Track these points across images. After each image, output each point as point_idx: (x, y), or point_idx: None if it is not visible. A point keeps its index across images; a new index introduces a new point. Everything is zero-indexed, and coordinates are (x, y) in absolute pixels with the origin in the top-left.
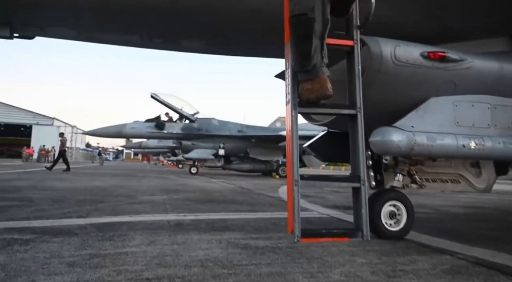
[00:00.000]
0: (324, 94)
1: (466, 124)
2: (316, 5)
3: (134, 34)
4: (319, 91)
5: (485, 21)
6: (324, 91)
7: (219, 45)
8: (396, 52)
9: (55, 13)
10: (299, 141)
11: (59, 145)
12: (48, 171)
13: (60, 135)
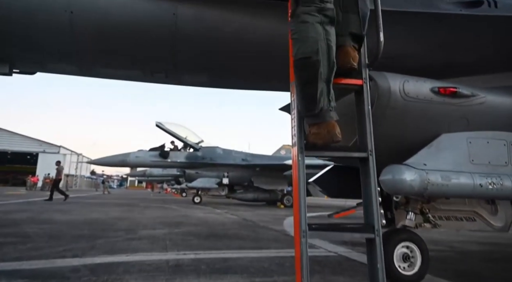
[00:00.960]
0: (331, 140)
1: (482, 162)
2: (321, 47)
3: (135, 69)
4: (327, 136)
5: (493, 55)
6: (332, 137)
7: (222, 80)
8: (405, 87)
9: (56, 49)
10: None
11: (55, 174)
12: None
13: (56, 164)
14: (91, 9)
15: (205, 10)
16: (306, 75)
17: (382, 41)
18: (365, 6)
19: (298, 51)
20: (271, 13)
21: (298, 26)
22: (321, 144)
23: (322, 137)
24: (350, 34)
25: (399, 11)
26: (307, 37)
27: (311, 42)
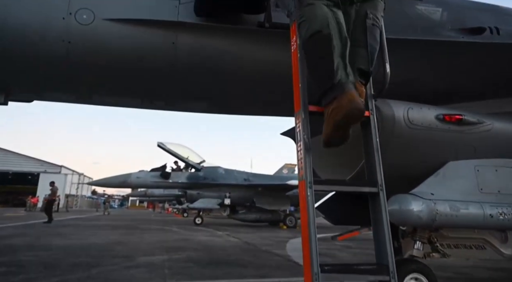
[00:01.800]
0: (355, 110)
1: (491, 191)
2: (331, 23)
3: (134, 97)
4: (349, 106)
5: (497, 81)
6: (355, 106)
7: (223, 106)
8: (409, 115)
9: (53, 79)
10: None
11: (49, 194)
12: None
13: (50, 185)
14: (89, 39)
15: (204, 39)
16: (319, 50)
17: (388, 72)
18: (374, 40)
19: (308, 30)
20: (271, 41)
21: (304, 10)
22: (341, 118)
23: (344, 108)
24: (357, 70)
25: (402, 39)
26: (315, 15)
27: (319, 19)
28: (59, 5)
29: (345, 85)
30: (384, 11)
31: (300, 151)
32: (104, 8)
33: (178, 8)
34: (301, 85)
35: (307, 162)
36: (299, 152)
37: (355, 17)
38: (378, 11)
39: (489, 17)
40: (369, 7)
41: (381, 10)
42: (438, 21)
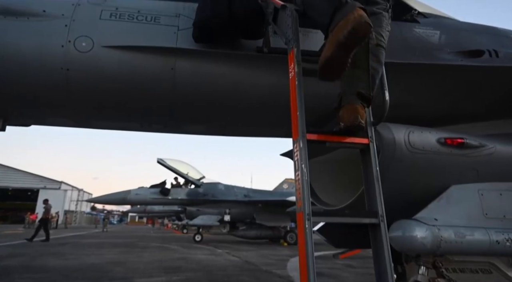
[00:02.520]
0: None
1: (496, 216)
2: None
3: (133, 122)
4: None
5: (498, 103)
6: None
7: (222, 129)
8: (410, 138)
9: (51, 105)
10: None
11: (43, 212)
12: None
13: (44, 202)
14: (88, 66)
15: (203, 64)
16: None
17: (387, 100)
18: (377, 62)
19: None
20: (270, 66)
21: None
22: (348, 34)
23: (351, 22)
24: (358, 94)
25: (400, 62)
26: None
27: None
28: (58, 33)
29: (352, 5)
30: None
31: (298, 180)
32: (104, 36)
33: (176, 35)
34: (299, 113)
35: (306, 193)
36: (297, 181)
37: None
38: (383, 27)
39: (487, 40)
40: (373, 24)
41: (387, 24)
42: (437, 44)
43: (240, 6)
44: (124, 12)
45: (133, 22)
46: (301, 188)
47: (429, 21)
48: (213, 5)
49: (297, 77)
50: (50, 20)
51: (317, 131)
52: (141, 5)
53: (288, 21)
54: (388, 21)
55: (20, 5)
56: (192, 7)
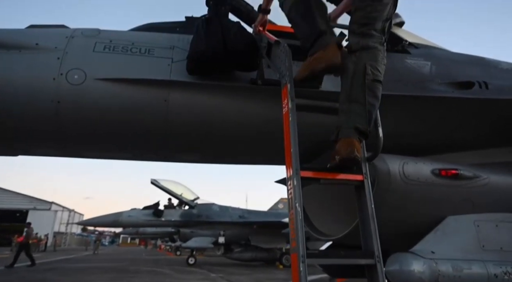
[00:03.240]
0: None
1: (493, 248)
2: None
3: (124, 152)
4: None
5: (489, 133)
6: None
7: (216, 158)
8: (405, 169)
9: (40, 137)
10: None
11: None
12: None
13: (26, 226)
14: (80, 99)
15: (197, 96)
16: (301, 11)
17: (381, 137)
18: (374, 98)
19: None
20: (264, 97)
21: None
22: (322, 67)
23: (325, 59)
24: (354, 128)
25: (393, 94)
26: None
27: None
28: (50, 66)
29: (330, 38)
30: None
31: (292, 220)
32: (96, 68)
33: (170, 67)
34: (293, 149)
35: (300, 234)
36: (291, 220)
37: (353, 72)
38: (378, 61)
39: (477, 71)
40: (369, 58)
41: (383, 58)
42: (428, 75)
43: (234, 40)
44: (118, 44)
45: (127, 54)
46: (295, 228)
47: (420, 52)
48: (207, 39)
49: (291, 114)
50: (42, 53)
51: (311, 168)
52: (136, 37)
53: (281, 56)
54: (384, 54)
55: (12, 39)
56: (187, 39)
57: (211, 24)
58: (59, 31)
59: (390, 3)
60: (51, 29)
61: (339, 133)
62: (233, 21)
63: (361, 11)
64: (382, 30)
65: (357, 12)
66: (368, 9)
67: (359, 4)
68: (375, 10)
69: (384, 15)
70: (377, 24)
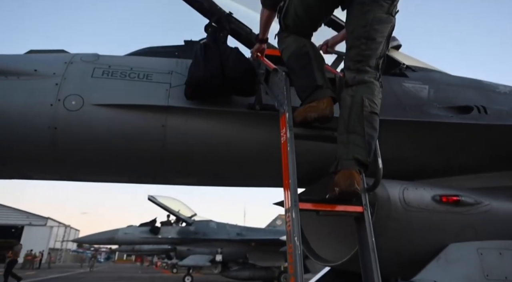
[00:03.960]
0: (327, 113)
1: (498, 278)
2: (306, 44)
3: (121, 176)
4: (322, 110)
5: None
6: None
7: (214, 181)
8: (405, 196)
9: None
10: None
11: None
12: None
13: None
14: (77, 124)
15: (195, 121)
16: (300, 62)
17: (381, 168)
18: (372, 129)
19: (289, 51)
20: (263, 122)
21: (284, 40)
22: (314, 116)
23: (318, 110)
24: (354, 159)
25: (391, 120)
26: (293, 41)
27: (298, 42)
28: (48, 92)
29: (325, 91)
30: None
31: (291, 254)
32: (94, 94)
33: (168, 92)
34: (291, 180)
35: (299, 269)
36: (289, 254)
37: (350, 103)
38: (375, 95)
39: (474, 94)
40: (365, 91)
41: (379, 92)
42: (426, 99)
43: (232, 66)
44: (116, 69)
45: (125, 80)
46: (294, 262)
47: (417, 75)
48: (205, 65)
49: (289, 144)
50: (40, 79)
51: (309, 199)
52: (134, 62)
53: (279, 84)
54: (379, 89)
55: (11, 65)
56: (185, 64)
57: (209, 50)
58: (58, 57)
59: (383, 42)
60: (51, 55)
61: (339, 165)
62: (231, 47)
63: (355, 48)
64: (376, 66)
65: (352, 49)
66: (363, 47)
67: (354, 43)
68: (369, 48)
69: (377, 53)
70: (371, 61)
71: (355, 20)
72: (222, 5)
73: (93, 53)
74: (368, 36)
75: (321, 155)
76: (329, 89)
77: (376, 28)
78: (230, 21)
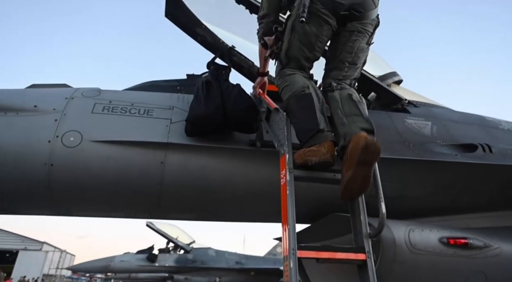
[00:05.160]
0: (328, 158)
1: None
2: (309, 86)
3: (116, 212)
4: (325, 154)
5: (494, 196)
6: (329, 156)
7: (212, 216)
8: (411, 238)
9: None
10: None
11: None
12: None
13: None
14: (73, 161)
15: (194, 157)
16: (303, 106)
17: (384, 213)
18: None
19: (292, 91)
20: (263, 159)
21: (287, 78)
22: (315, 161)
23: (319, 154)
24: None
25: (397, 158)
26: (297, 80)
27: (301, 83)
28: (46, 128)
29: (327, 135)
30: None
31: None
32: (93, 130)
33: (169, 128)
34: (290, 226)
35: None
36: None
37: (340, 96)
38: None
39: (477, 131)
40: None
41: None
42: (429, 136)
43: (233, 104)
44: (117, 105)
45: (126, 115)
46: None
47: (419, 111)
48: (206, 103)
49: (289, 187)
50: (40, 115)
51: (309, 247)
52: (136, 97)
53: (280, 124)
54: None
55: (11, 101)
56: (187, 99)
57: (210, 87)
58: (59, 92)
59: (360, 67)
60: (52, 90)
61: (346, 137)
62: (233, 84)
63: (338, 70)
64: (349, 85)
65: (335, 70)
66: (345, 69)
67: (338, 65)
68: (349, 70)
69: (354, 75)
70: (348, 81)
71: (343, 47)
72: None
73: (95, 88)
74: (351, 62)
75: (323, 191)
76: (330, 133)
77: (359, 56)
78: (233, 54)
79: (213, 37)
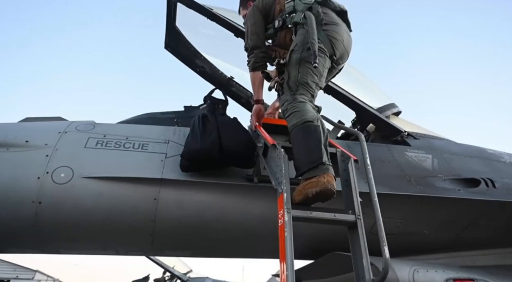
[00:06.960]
0: (329, 189)
1: None
2: (318, 119)
3: (108, 250)
4: (326, 184)
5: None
6: (330, 187)
7: (207, 253)
8: (416, 279)
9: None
10: None
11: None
12: None
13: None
14: (63, 199)
15: (189, 193)
16: (310, 137)
17: (388, 258)
18: None
19: (301, 118)
20: (261, 195)
21: (298, 104)
22: (316, 191)
23: (320, 185)
24: None
25: (399, 194)
26: (308, 109)
27: (311, 113)
28: (36, 164)
29: (327, 168)
30: None
31: None
32: (85, 166)
33: (163, 163)
34: (288, 265)
35: None
36: None
37: None
38: None
39: (479, 165)
40: None
41: None
42: (430, 170)
43: (230, 139)
44: (111, 139)
45: (119, 150)
46: None
47: (419, 144)
48: (202, 138)
49: (287, 228)
50: (31, 150)
51: None
52: (131, 131)
53: (278, 161)
54: None
55: (2, 136)
56: (183, 132)
57: (207, 122)
58: (52, 126)
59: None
60: (45, 123)
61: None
62: (230, 118)
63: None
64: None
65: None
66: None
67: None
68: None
69: None
70: None
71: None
72: (224, 70)
73: (90, 121)
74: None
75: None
76: (331, 167)
77: None
78: (231, 85)
79: (212, 68)
